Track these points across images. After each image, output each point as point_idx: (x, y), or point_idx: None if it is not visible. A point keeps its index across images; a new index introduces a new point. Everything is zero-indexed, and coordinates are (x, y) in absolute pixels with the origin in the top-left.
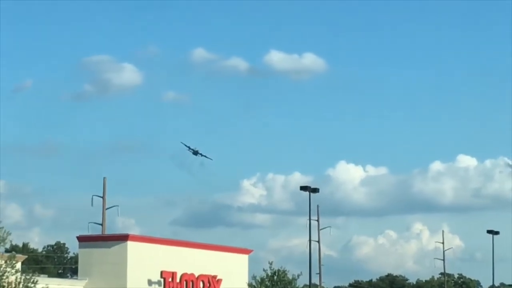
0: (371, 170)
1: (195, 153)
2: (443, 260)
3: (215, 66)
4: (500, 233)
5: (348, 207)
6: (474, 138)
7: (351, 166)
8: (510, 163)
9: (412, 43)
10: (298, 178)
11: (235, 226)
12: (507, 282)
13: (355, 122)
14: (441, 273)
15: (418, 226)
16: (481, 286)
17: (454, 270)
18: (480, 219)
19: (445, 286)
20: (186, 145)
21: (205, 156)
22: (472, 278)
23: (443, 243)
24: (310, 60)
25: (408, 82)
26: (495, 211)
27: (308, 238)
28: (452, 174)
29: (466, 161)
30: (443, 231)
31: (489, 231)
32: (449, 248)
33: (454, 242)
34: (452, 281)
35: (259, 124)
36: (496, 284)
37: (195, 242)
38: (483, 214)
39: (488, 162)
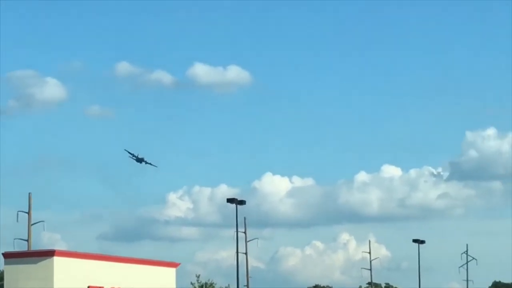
0: (297, 181)
1: (139, 160)
2: (370, 269)
3: (140, 80)
4: (426, 242)
5: (275, 219)
6: (399, 149)
7: (277, 177)
8: (435, 172)
9: (330, 57)
10: (225, 191)
11: (162, 240)
12: None
13: (281, 133)
14: (368, 283)
15: (345, 237)
16: None
17: (381, 280)
18: (406, 228)
19: None
20: (130, 153)
21: (150, 164)
22: (399, 287)
23: (370, 253)
24: (235, 73)
25: (330, 94)
26: (421, 220)
27: (235, 250)
28: (377, 184)
29: (391, 171)
30: (369, 241)
31: (415, 240)
32: (376, 258)
33: (381, 251)
34: None
35: (184, 137)
36: None
37: (122, 256)
38: (408, 224)
39: (412, 172)
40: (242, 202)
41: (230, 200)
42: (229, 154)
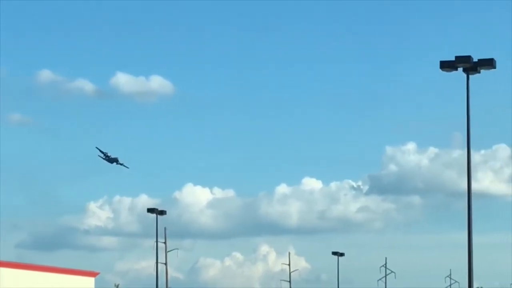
0: (218, 192)
1: (111, 160)
2: (289, 281)
3: (61, 88)
4: (345, 254)
5: (195, 229)
6: (319, 161)
7: (198, 188)
8: (355, 185)
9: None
10: (145, 201)
11: (81, 249)
12: None
13: (202, 144)
14: None
15: (264, 248)
16: None
17: None
18: (326, 241)
19: None
20: (101, 151)
21: (122, 165)
22: None
23: (289, 264)
24: (157, 83)
25: (251, 106)
26: (340, 233)
27: (155, 261)
28: (297, 197)
29: (311, 183)
30: (289, 253)
31: (334, 253)
32: (295, 270)
33: (300, 263)
34: None
35: (105, 146)
36: None
37: (41, 265)
38: (328, 236)
39: (333, 185)
40: (162, 213)
41: (150, 210)
42: (150, 164)
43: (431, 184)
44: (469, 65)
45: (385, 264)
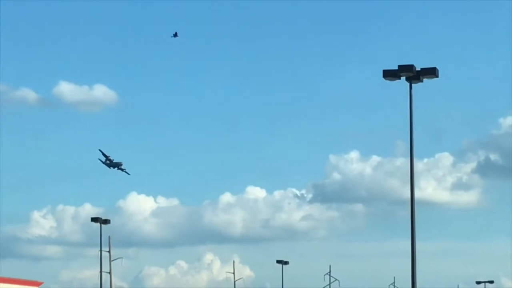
0: (162, 201)
1: (114, 165)
2: None
3: (4, 97)
4: (290, 262)
5: (139, 238)
6: (263, 170)
7: (142, 197)
8: (298, 194)
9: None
10: (89, 210)
11: (24, 258)
12: None
13: (146, 153)
14: None
15: (209, 257)
16: None
17: None
18: (270, 249)
19: None
20: (104, 154)
21: (124, 170)
22: None
23: (234, 273)
24: (101, 92)
25: (196, 116)
26: (285, 241)
27: (99, 270)
28: (241, 205)
29: (255, 192)
30: (233, 262)
31: (278, 261)
32: (240, 279)
33: (245, 272)
34: None
35: (47, 156)
36: None
37: None
38: (272, 245)
39: (276, 194)
40: (106, 221)
41: (94, 219)
42: (93, 173)
43: (374, 192)
44: (412, 74)
45: (329, 272)
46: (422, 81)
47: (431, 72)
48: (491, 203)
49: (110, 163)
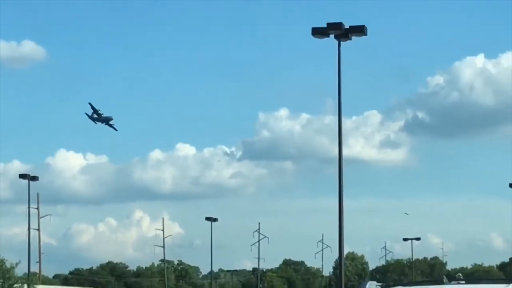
0: (91, 158)
1: (102, 120)
2: (163, 247)
3: None
4: (219, 220)
5: (68, 195)
6: (193, 128)
7: (71, 154)
8: (228, 151)
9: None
10: (18, 166)
11: None
12: (226, 268)
13: (75, 110)
14: (161, 260)
15: (138, 214)
16: (200, 272)
17: (174, 257)
18: (200, 206)
19: (165, 273)
20: (93, 108)
21: (111, 126)
22: (192, 265)
23: (163, 230)
24: (29, 48)
25: (126, 72)
26: (214, 198)
27: (27, 227)
28: (171, 163)
29: (185, 149)
30: (163, 219)
31: (207, 218)
32: (169, 235)
33: (174, 229)
34: (172, 268)
35: None
36: (215, 270)
37: None
38: (202, 202)
39: (206, 151)
40: (34, 178)
41: (22, 176)
42: (22, 130)
43: (303, 150)
44: (341, 32)
45: (258, 229)
46: (350, 39)
47: (360, 30)
48: (418, 161)
49: (99, 118)
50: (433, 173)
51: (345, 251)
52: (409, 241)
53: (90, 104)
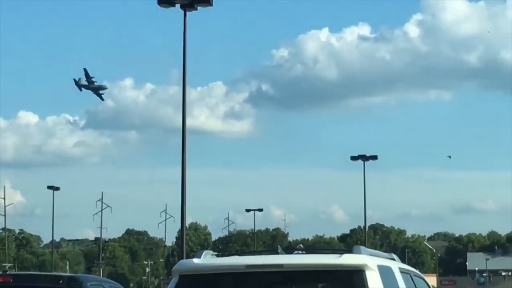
0: None
1: (94, 88)
2: (4, 215)
3: None
4: (61, 189)
5: None
6: (36, 95)
7: None
8: (71, 120)
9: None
10: None
11: None
12: (68, 237)
13: None
14: (2, 229)
15: None
16: (41, 241)
17: (15, 226)
18: (42, 175)
19: (6, 242)
20: (87, 74)
21: (100, 96)
22: (33, 234)
23: (4, 198)
24: None
25: None
26: (57, 167)
27: None
28: (13, 130)
29: (28, 117)
30: (4, 187)
31: (50, 187)
32: (10, 204)
33: (16, 198)
34: (13, 237)
35: None
36: (57, 239)
37: None
38: (44, 170)
39: (49, 120)
40: None
41: None
42: None
43: (147, 120)
44: (187, 2)
45: (102, 198)
46: (196, 9)
47: (205, 0)
48: (262, 133)
49: (88, 86)
50: (277, 145)
51: (188, 222)
52: (252, 212)
53: (84, 69)
